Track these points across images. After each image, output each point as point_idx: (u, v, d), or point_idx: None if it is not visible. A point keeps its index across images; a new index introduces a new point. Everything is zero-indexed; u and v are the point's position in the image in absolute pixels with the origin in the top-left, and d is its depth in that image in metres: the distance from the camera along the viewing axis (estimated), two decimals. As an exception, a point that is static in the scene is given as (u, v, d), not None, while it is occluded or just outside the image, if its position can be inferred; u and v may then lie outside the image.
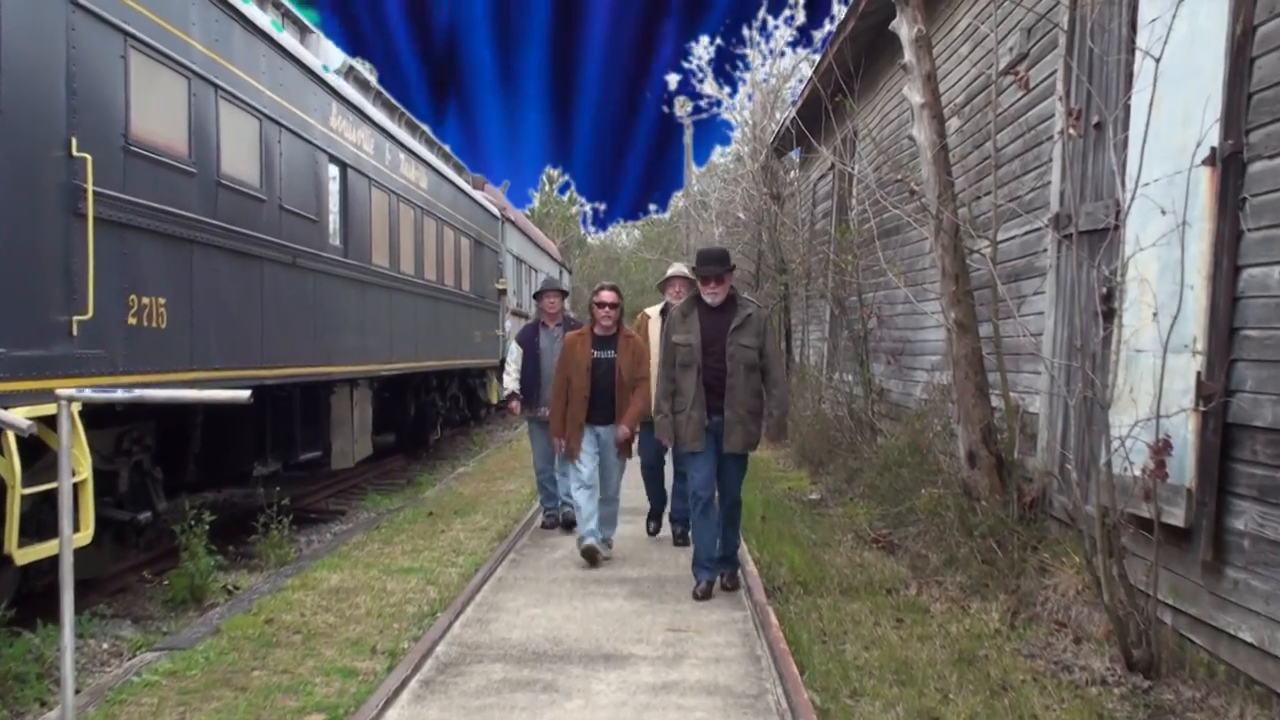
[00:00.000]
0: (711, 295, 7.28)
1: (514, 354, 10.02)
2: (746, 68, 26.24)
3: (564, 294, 10.14)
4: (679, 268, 9.12)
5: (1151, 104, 5.57)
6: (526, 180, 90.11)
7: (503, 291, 21.53)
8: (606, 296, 8.64)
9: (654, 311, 9.29)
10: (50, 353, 6.13)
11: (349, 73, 13.84)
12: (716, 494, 7.43)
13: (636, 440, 8.70)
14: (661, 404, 7.35)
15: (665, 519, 9.61)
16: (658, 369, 7.53)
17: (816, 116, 14.85)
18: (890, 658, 5.81)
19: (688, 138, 35.52)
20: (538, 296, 10.08)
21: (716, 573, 7.49)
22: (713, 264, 7.31)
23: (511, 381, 10.02)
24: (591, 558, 8.32)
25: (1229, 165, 5.18)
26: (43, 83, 6.17)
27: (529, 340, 9.88)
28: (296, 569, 8.36)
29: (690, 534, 7.93)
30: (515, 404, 10.04)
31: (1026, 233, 8.32)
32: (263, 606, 7.05)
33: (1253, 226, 5.06)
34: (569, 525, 9.83)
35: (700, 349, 7.18)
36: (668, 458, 9.11)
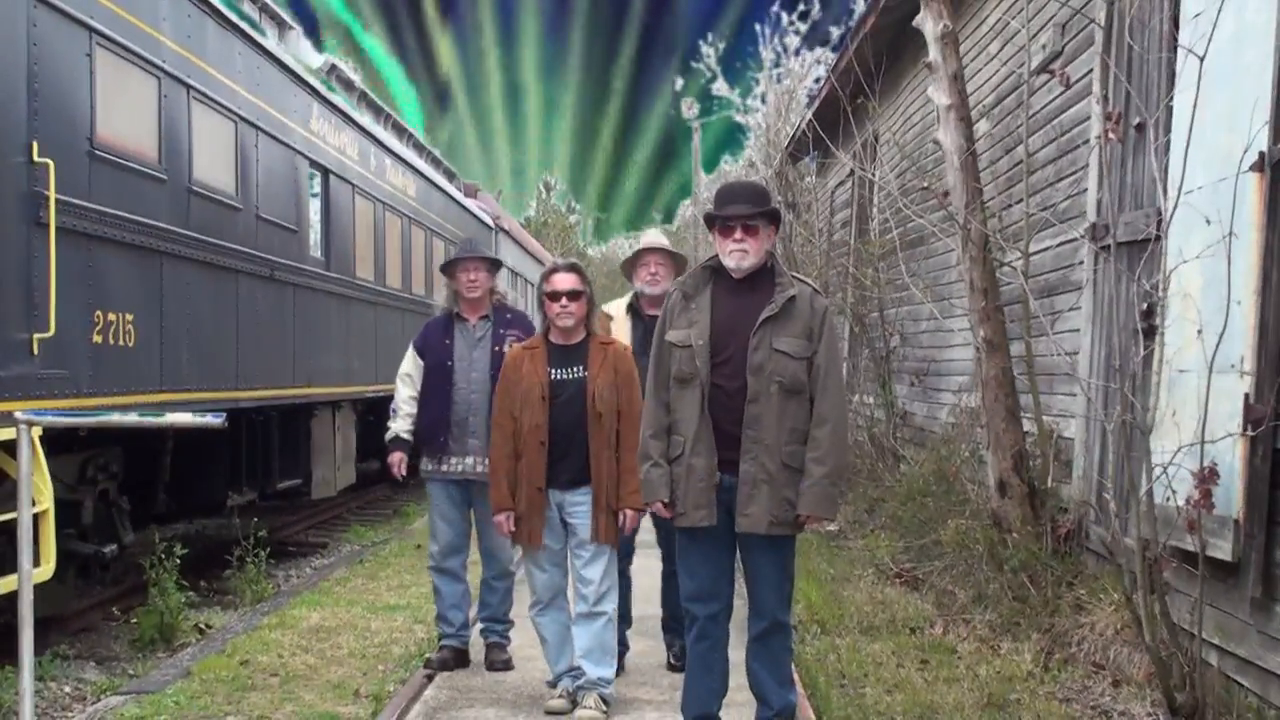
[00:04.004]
0: (737, 253, 4.76)
1: (409, 366, 6.59)
2: (758, 66, 26.35)
3: (494, 265, 6.73)
4: (655, 236, 6.72)
5: (1195, 105, 5.58)
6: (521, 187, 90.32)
7: (496, 307, 21.51)
8: (562, 282, 5.67)
9: (618, 309, 6.54)
10: (8, 373, 6.14)
11: (331, 71, 13.90)
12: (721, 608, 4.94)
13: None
14: (649, 447, 4.86)
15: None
16: (647, 391, 5.04)
17: (835, 119, 14.88)
18: (914, 702, 5.79)
19: (696, 141, 35.66)
20: (448, 269, 6.63)
21: None
22: (740, 200, 4.81)
23: (401, 419, 6.57)
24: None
25: (1279, 172, 5.18)
26: (1, 83, 6.20)
27: (435, 344, 6.52)
28: (274, 606, 8.36)
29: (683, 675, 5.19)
30: (398, 457, 6.60)
31: (1061, 244, 8.34)
32: (237, 647, 7.05)
33: (1304, 237, 5.07)
34: (501, 665, 6.57)
35: (708, 352, 4.75)
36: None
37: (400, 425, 6.54)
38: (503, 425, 5.70)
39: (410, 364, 6.55)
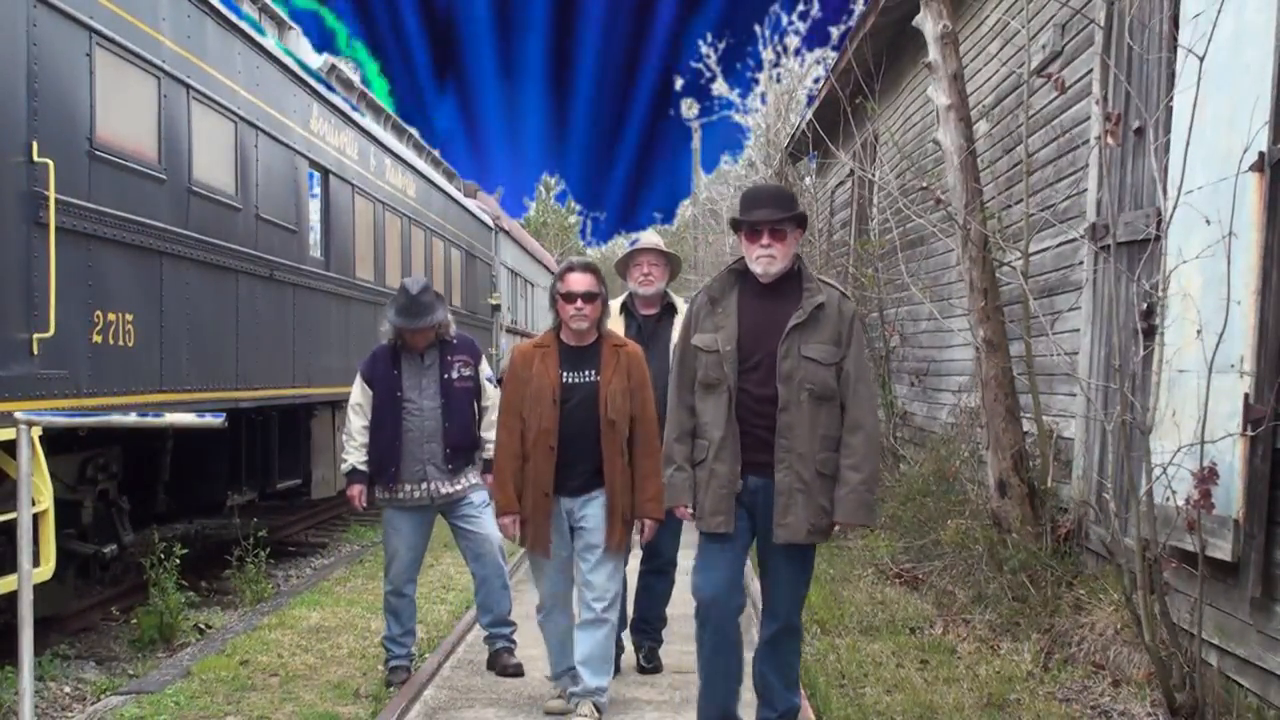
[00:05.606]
0: (765, 259, 4.73)
1: (358, 396, 6.42)
2: (759, 67, 26.36)
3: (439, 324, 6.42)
4: (650, 237, 6.62)
5: (1195, 105, 5.58)
6: (522, 188, 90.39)
7: (496, 307, 21.56)
8: (578, 283, 5.50)
9: (613, 307, 6.29)
10: (8, 373, 6.14)
11: (331, 71, 13.92)
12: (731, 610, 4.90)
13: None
14: (673, 451, 4.85)
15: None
16: (670, 395, 4.96)
17: (834, 119, 14.90)
18: (914, 702, 5.79)
19: (696, 141, 35.73)
20: (399, 331, 6.37)
21: None
22: (767, 205, 4.78)
23: (354, 450, 6.38)
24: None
25: (1278, 172, 5.19)
26: (1, 83, 6.20)
27: (384, 374, 6.36)
28: (274, 606, 8.36)
29: (698, 681, 5.09)
30: (357, 490, 6.40)
31: (1061, 244, 8.34)
32: (237, 647, 7.05)
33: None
34: (512, 670, 6.57)
35: (735, 358, 4.71)
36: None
37: (356, 457, 6.35)
38: (509, 425, 5.51)
39: (360, 394, 6.38)
